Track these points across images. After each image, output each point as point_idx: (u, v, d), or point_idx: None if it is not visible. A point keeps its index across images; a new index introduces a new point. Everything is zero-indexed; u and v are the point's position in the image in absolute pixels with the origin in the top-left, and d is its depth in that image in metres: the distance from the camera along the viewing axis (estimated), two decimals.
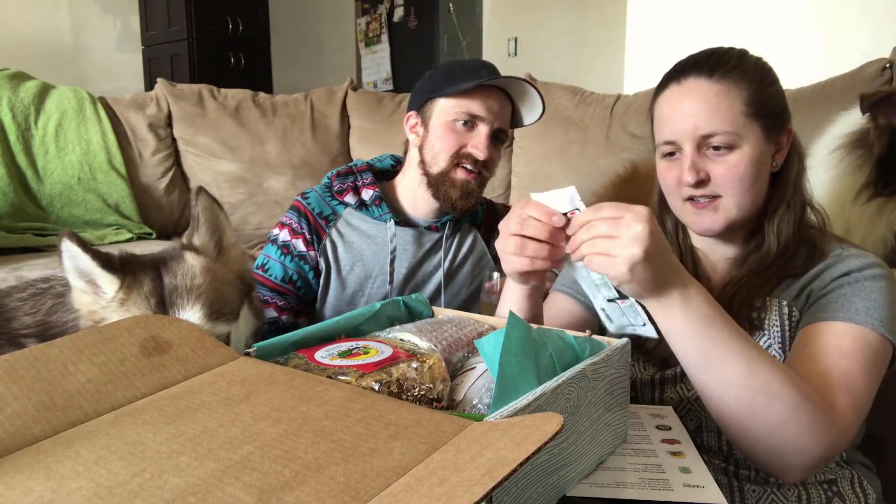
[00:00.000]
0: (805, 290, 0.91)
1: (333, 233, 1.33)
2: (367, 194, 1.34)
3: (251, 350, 0.69)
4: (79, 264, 0.74)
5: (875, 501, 0.92)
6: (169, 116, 2.71)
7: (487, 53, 4.56)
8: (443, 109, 1.27)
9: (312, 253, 1.31)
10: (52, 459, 0.48)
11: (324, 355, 0.69)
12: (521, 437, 0.43)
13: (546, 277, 0.87)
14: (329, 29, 5.54)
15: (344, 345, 0.73)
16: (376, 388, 0.62)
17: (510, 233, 0.77)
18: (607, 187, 2.02)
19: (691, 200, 0.93)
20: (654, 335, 0.76)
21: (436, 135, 1.28)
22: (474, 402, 0.67)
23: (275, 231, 1.34)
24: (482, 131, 1.26)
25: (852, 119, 1.53)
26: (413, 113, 1.34)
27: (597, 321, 0.88)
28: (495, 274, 1.25)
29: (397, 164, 1.42)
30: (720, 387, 0.75)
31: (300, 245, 1.30)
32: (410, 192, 1.35)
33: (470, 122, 1.26)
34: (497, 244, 0.80)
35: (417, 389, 0.65)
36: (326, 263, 1.32)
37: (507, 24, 4.40)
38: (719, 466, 0.92)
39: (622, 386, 0.71)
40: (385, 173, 1.42)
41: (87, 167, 2.51)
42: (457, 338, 0.78)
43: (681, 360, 0.77)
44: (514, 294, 0.88)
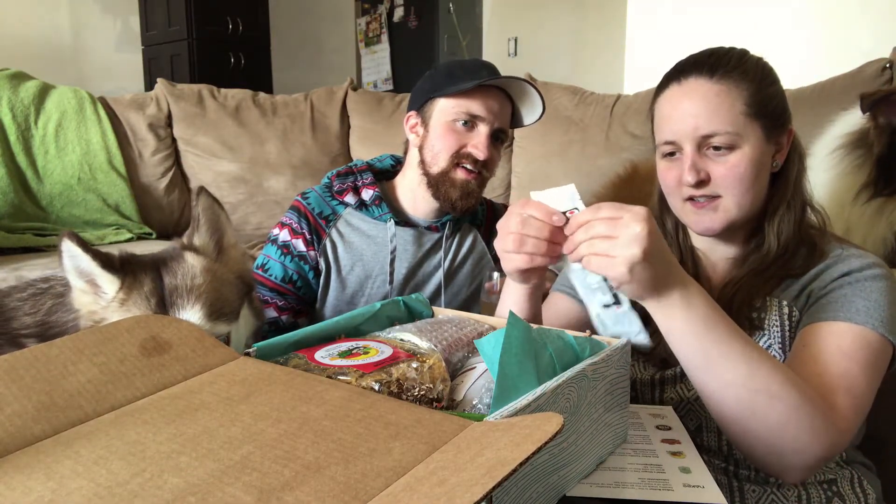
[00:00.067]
0: (805, 291, 0.91)
1: (333, 233, 1.33)
2: (367, 194, 1.33)
3: (251, 350, 0.69)
4: (79, 264, 0.74)
5: (875, 501, 0.92)
6: (169, 116, 2.71)
7: (487, 53, 4.55)
8: (443, 109, 1.27)
9: (312, 253, 1.31)
10: (52, 459, 0.48)
11: (324, 355, 0.69)
12: (521, 437, 0.43)
13: (546, 277, 0.87)
14: (329, 29, 5.54)
15: (344, 345, 0.73)
16: (376, 388, 0.62)
17: (509, 231, 0.77)
18: (607, 187, 2.02)
19: (691, 200, 0.93)
20: (648, 343, 0.76)
21: (436, 135, 1.28)
22: (474, 402, 0.67)
23: (275, 231, 1.34)
24: (482, 131, 1.26)
25: (852, 119, 1.53)
26: (413, 113, 1.34)
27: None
28: (495, 274, 1.25)
29: (397, 164, 1.42)
30: (720, 387, 0.75)
31: (300, 245, 1.30)
32: (410, 192, 1.35)
33: (470, 122, 1.26)
34: (496, 243, 0.80)
35: (417, 389, 0.65)
36: (326, 263, 1.32)
37: (507, 24, 4.39)
38: (719, 466, 0.92)
39: (622, 386, 0.71)
40: (385, 173, 1.42)
41: (87, 167, 2.51)
42: (457, 338, 0.78)
43: (681, 361, 0.77)
44: (515, 294, 0.88)
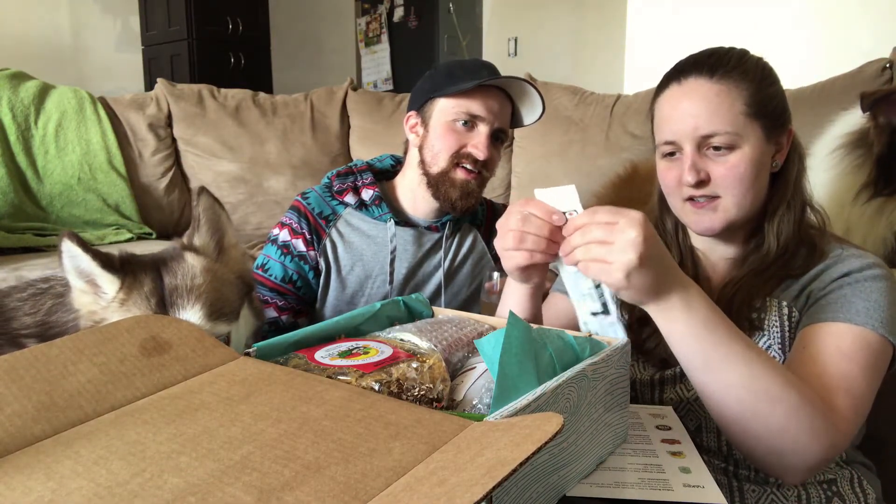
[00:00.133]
0: (805, 291, 0.91)
1: (333, 233, 1.33)
2: (367, 194, 1.33)
3: (251, 350, 0.69)
4: (79, 264, 0.74)
5: (875, 501, 0.92)
6: (169, 116, 2.71)
7: (487, 53, 4.55)
8: (443, 109, 1.27)
9: (312, 253, 1.31)
10: (52, 459, 0.48)
11: (324, 355, 0.69)
12: (521, 437, 0.43)
13: (546, 278, 0.87)
14: (329, 29, 5.54)
15: (344, 345, 0.73)
16: (376, 388, 0.62)
17: (509, 228, 0.77)
18: (607, 187, 2.02)
19: (691, 200, 0.93)
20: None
21: (436, 135, 1.28)
22: (474, 402, 0.67)
23: (275, 231, 1.34)
24: (482, 131, 1.26)
25: (852, 119, 1.53)
26: (413, 113, 1.34)
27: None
28: (495, 274, 1.25)
29: (397, 164, 1.42)
30: (721, 388, 0.75)
31: (300, 245, 1.30)
32: (410, 192, 1.35)
33: (470, 122, 1.26)
34: (496, 241, 0.80)
35: (417, 389, 0.65)
36: (326, 263, 1.32)
37: (507, 24, 4.39)
38: (719, 466, 0.92)
39: (622, 386, 0.71)
40: (385, 173, 1.42)
41: (87, 167, 2.51)
42: (457, 338, 0.78)
43: (681, 363, 0.77)
44: (515, 294, 0.88)
